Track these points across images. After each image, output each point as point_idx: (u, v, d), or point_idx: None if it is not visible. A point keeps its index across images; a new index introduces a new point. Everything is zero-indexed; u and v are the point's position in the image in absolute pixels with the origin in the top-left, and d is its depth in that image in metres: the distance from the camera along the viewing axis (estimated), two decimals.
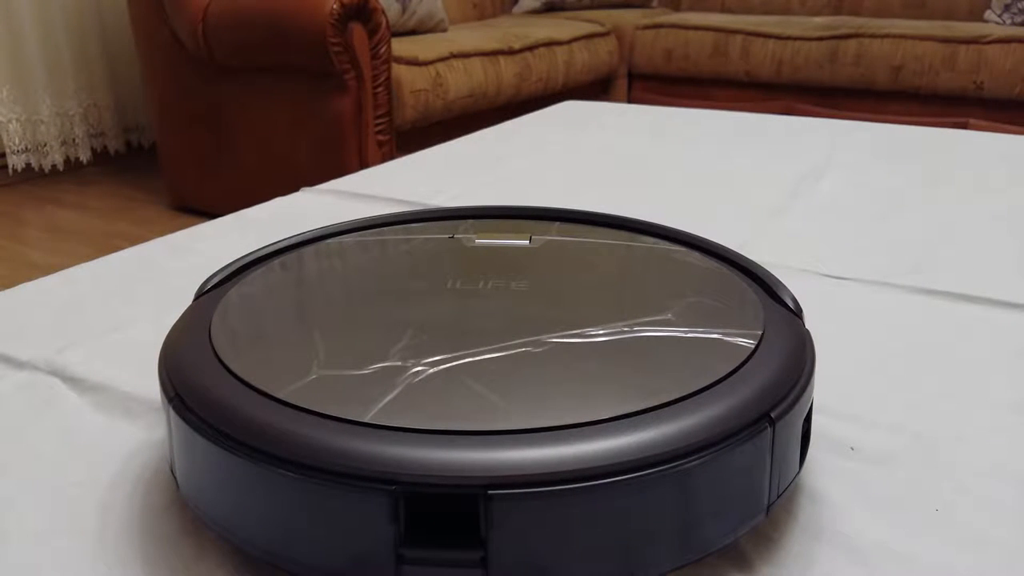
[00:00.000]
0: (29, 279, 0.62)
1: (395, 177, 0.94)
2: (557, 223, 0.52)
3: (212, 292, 0.43)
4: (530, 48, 2.49)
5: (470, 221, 0.52)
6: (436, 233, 0.50)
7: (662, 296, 0.41)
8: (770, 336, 0.36)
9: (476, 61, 2.28)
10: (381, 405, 0.31)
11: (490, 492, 0.27)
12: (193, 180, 2.31)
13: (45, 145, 2.62)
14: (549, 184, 0.89)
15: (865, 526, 0.36)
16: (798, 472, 0.35)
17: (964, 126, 2.32)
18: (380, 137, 2.00)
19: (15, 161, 2.57)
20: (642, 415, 0.30)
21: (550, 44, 2.57)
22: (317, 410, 0.30)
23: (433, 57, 2.15)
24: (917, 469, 0.40)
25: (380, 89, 1.98)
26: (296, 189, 0.86)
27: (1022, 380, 0.48)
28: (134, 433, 0.43)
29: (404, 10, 2.36)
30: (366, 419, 0.30)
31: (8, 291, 0.60)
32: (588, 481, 0.28)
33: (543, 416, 0.30)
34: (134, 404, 0.45)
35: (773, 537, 0.35)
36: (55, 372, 0.48)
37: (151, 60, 2.24)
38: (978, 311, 0.57)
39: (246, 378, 0.33)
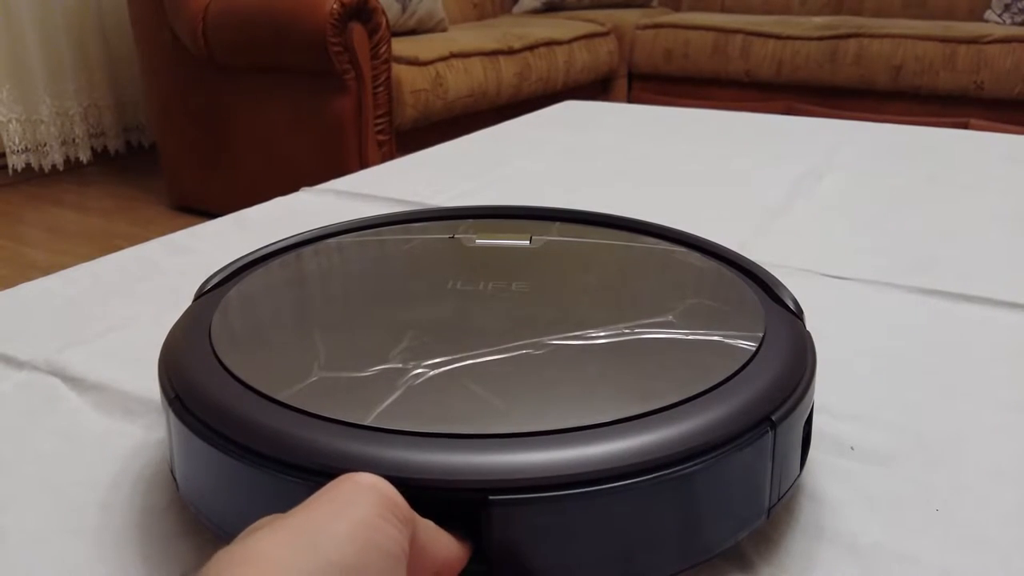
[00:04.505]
0: (29, 279, 0.62)
1: (395, 177, 0.94)
2: (557, 223, 0.52)
3: (212, 292, 0.43)
4: (530, 48, 2.48)
5: (470, 221, 0.52)
6: (436, 233, 0.50)
7: (663, 297, 0.41)
8: (771, 338, 0.36)
9: (476, 61, 2.28)
10: (382, 408, 0.31)
11: (491, 497, 0.27)
12: (193, 180, 2.31)
13: (45, 145, 2.62)
14: (549, 184, 0.89)
15: (865, 526, 0.36)
16: (799, 474, 0.35)
17: (964, 126, 2.32)
18: (380, 137, 2.00)
19: (15, 161, 2.57)
20: (643, 419, 0.30)
21: (550, 44, 2.57)
22: (318, 412, 0.30)
23: (433, 57, 2.15)
24: (917, 469, 0.40)
25: (380, 89, 1.98)
26: (296, 189, 0.86)
27: (1022, 380, 0.48)
28: (134, 433, 0.43)
29: (404, 10, 2.36)
30: (367, 422, 0.30)
31: (8, 291, 0.60)
32: (589, 486, 0.28)
33: (544, 420, 0.30)
34: (134, 404, 0.45)
35: (774, 537, 0.35)
36: (55, 372, 0.48)
37: (151, 60, 2.24)
38: (978, 311, 0.57)
39: (246, 380, 0.33)
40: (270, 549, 0.21)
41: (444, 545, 0.26)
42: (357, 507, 0.23)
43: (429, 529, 0.25)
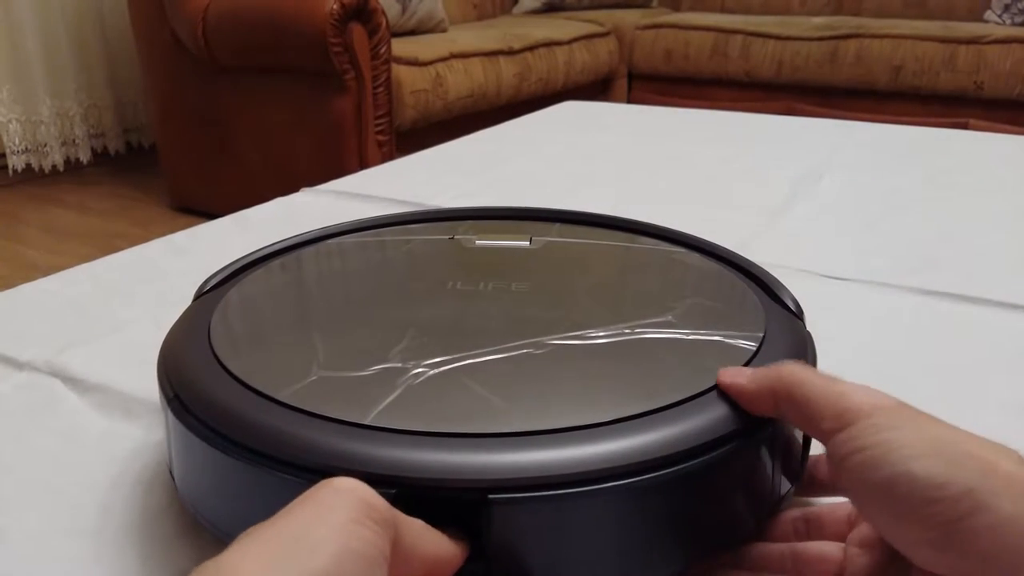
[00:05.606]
0: (29, 279, 0.62)
1: (395, 177, 0.94)
2: (557, 224, 0.52)
3: (211, 293, 0.43)
4: (530, 48, 2.49)
5: (470, 222, 0.52)
6: (436, 234, 0.50)
7: (663, 298, 0.41)
8: (771, 338, 0.36)
9: (476, 61, 2.28)
10: (381, 407, 0.31)
11: (490, 496, 0.27)
12: (193, 180, 2.31)
13: (45, 145, 2.62)
14: (549, 184, 0.89)
15: None
16: (800, 473, 0.35)
17: (964, 126, 2.32)
18: (380, 137, 2.00)
19: (15, 161, 2.57)
20: (644, 418, 0.30)
21: (550, 44, 2.57)
22: (317, 412, 0.30)
23: (433, 57, 2.15)
24: None
25: (380, 89, 1.98)
26: (296, 189, 0.86)
27: (1022, 380, 0.48)
28: (134, 434, 0.43)
29: (404, 10, 2.36)
30: (366, 421, 0.30)
31: (8, 292, 0.60)
32: (588, 485, 0.28)
33: (544, 419, 0.30)
34: (134, 405, 0.45)
35: None
36: (55, 373, 0.48)
37: (151, 60, 2.24)
38: (978, 312, 0.57)
39: (245, 379, 0.33)
40: (243, 564, 0.21)
41: (434, 544, 0.26)
42: (333, 512, 0.23)
43: (416, 528, 0.25)
